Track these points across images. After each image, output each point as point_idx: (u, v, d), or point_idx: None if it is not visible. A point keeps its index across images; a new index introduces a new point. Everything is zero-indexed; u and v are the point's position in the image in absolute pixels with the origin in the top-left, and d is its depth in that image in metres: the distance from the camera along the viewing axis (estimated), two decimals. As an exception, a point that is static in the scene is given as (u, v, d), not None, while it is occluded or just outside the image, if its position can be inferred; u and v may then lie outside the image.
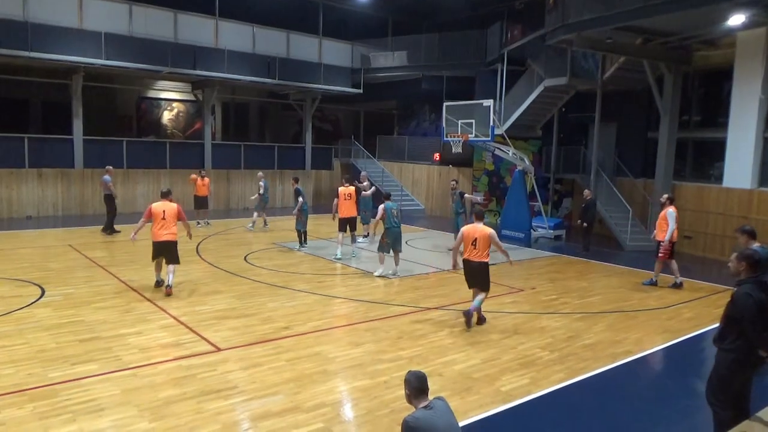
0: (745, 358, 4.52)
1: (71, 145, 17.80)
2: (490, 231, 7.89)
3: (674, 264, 10.86)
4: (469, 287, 8.18)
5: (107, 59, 16.90)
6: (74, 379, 5.70)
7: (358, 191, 13.59)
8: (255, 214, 16.27)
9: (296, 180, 14.35)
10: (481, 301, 8.00)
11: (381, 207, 10.86)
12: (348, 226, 12.72)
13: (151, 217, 8.97)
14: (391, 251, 10.97)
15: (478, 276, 7.97)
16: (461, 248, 8.04)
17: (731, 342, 4.57)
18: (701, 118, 16.23)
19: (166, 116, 23.58)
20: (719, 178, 14.75)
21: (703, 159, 15.98)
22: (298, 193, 13.55)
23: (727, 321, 4.66)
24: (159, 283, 9.26)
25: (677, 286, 10.82)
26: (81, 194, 17.96)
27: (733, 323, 4.58)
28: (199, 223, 15.99)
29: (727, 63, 14.22)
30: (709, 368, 4.82)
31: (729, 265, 4.75)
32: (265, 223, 16.31)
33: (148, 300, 8.63)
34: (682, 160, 15.99)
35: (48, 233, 14.61)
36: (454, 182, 14.39)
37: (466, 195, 13.75)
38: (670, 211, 10.62)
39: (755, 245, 6.55)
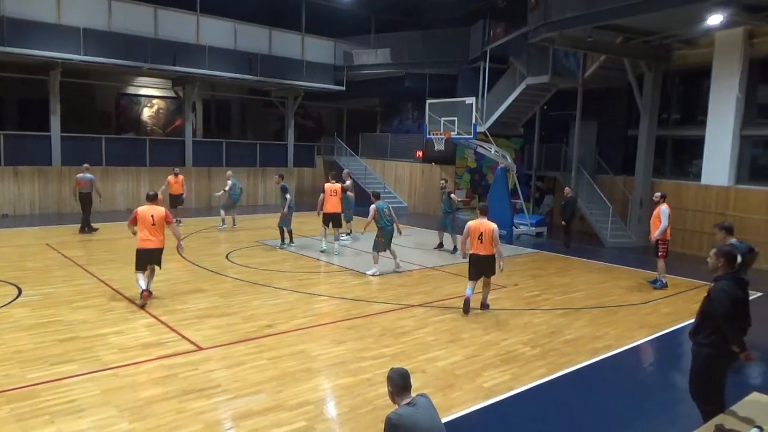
0: (719, 353, 4.60)
1: (49, 142, 17.51)
2: (494, 226, 8.30)
3: (661, 263, 10.81)
4: (471, 278, 8.53)
5: (86, 55, 16.64)
6: (53, 380, 5.62)
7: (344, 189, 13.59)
8: (222, 212, 15.71)
9: (281, 177, 14.07)
10: (489, 291, 8.81)
11: (372, 207, 10.82)
12: (331, 222, 12.73)
13: (136, 223, 8.30)
14: (387, 250, 11.03)
15: (486, 267, 8.44)
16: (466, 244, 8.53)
17: (705, 337, 4.65)
18: (680, 117, 16.48)
19: (146, 113, 23.29)
20: (697, 176, 14.99)
21: (682, 156, 16.23)
22: (285, 190, 13.12)
23: (702, 316, 4.73)
24: (146, 293, 8.29)
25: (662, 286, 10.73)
26: (58, 192, 17.69)
27: (708, 318, 4.65)
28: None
29: (706, 62, 14.45)
30: (687, 362, 4.90)
31: (708, 261, 4.82)
32: (234, 223, 15.77)
33: (129, 299, 8.53)
34: (662, 158, 16.22)
35: (25, 232, 14.36)
36: (443, 182, 14.33)
37: (452, 195, 13.76)
38: (663, 208, 10.56)
39: (733, 241, 6.67)
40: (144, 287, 8.24)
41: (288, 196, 12.92)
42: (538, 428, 5.24)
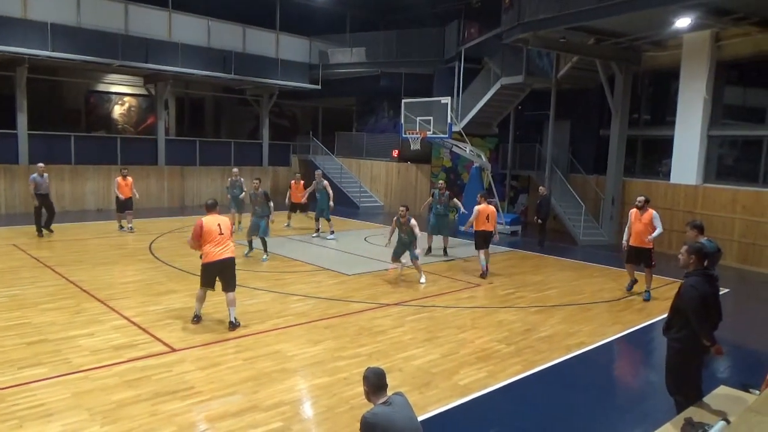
0: (691, 347, 4.71)
1: (15, 140, 17.06)
2: (494, 209, 11.43)
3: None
4: (480, 248, 11.17)
5: (53, 51, 16.25)
6: (21, 384, 5.47)
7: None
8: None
9: (260, 181, 12.82)
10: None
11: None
12: (298, 209, 15.08)
13: (201, 237, 7.35)
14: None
15: (489, 239, 11.26)
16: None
17: (677, 331, 4.76)
18: (650, 117, 16.80)
19: (117, 111, 22.84)
20: (667, 175, 15.30)
21: (652, 156, 16.55)
22: (268, 197, 11.95)
23: (673, 312, 4.85)
24: (198, 319, 7.56)
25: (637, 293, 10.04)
26: (26, 191, 17.16)
27: (679, 314, 4.76)
28: (122, 227, 14.60)
29: (675, 64, 14.76)
30: (658, 357, 5.01)
31: (679, 258, 4.92)
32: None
33: (100, 300, 8.36)
34: (632, 157, 16.52)
35: (-9, 232, 13.97)
36: (441, 183, 14.14)
37: (455, 198, 13.70)
38: (656, 213, 9.92)
39: (703, 239, 6.83)
40: (197, 311, 7.52)
41: (271, 203, 11.81)
42: (513, 424, 5.30)
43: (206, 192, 21.19)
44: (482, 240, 11.18)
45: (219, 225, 7.43)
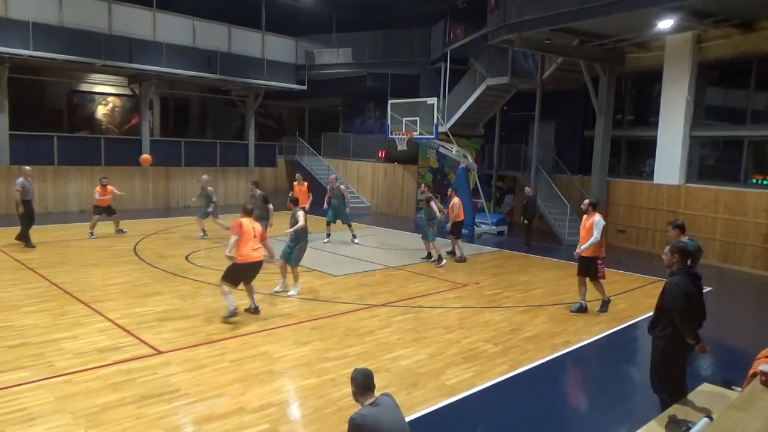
0: (675, 345, 4.77)
1: (-4, 141, 16.80)
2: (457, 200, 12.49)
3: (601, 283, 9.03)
4: (458, 237, 12.63)
5: (35, 50, 16.01)
6: (3, 388, 5.39)
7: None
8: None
9: (257, 184, 12.50)
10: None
11: (301, 213, 9.66)
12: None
13: (240, 233, 7.73)
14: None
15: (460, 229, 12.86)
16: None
17: (662, 329, 4.82)
18: (634, 118, 16.98)
19: (101, 111, 22.59)
20: (650, 175, 15.48)
21: (636, 156, 16.73)
22: (267, 200, 11.77)
23: (658, 310, 4.91)
24: (236, 312, 7.70)
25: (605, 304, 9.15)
26: (7, 192, 16.93)
27: (663, 312, 4.82)
28: (92, 234, 13.54)
29: (657, 65, 14.93)
30: (642, 356, 5.07)
31: (663, 257, 4.99)
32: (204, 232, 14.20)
33: (84, 303, 8.26)
34: (616, 158, 16.69)
35: (-29, 234, 13.73)
36: (423, 186, 13.99)
37: (432, 203, 13.43)
38: (598, 219, 8.61)
39: (685, 239, 6.91)
40: (235, 305, 7.68)
41: (270, 206, 11.67)
42: (500, 424, 5.32)
43: (192, 193, 20.96)
44: (456, 229, 12.71)
45: (254, 228, 7.93)
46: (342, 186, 14.55)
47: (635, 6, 11.47)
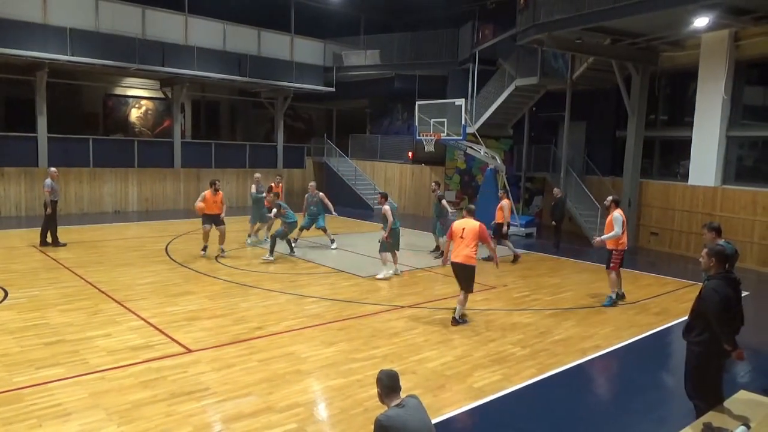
0: (711, 351, 4.63)
1: (35, 144, 17.31)
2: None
3: (613, 275, 9.47)
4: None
5: (72, 55, 16.48)
6: (39, 384, 5.55)
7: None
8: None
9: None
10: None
11: (387, 209, 10.61)
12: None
13: (453, 237, 7.94)
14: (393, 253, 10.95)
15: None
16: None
17: (697, 335, 4.69)
18: (667, 118, 16.62)
19: (134, 114, 23.10)
20: (685, 176, 15.11)
21: (670, 157, 16.36)
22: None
23: (694, 315, 4.77)
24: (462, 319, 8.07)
25: (620, 297, 9.63)
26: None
27: (699, 317, 4.69)
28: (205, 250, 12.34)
29: (692, 64, 14.58)
30: (676, 361, 4.94)
31: (700, 261, 4.86)
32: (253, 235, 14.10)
33: (117, 302, 8.45)
34: (649, 159, 16.34)
35: (11, 234, 14.19)
36: (434, 185, 14.07)
37: (443, 201, 13.51)
38: (617, 214, 9.22)
39: (721, 242, 6.72)
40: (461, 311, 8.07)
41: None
42: (528, 428, 5.25)
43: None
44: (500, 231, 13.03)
45: (463, 229, 7.97)
46: (321, 194, 13.90)
47: (670, 4, 11.22)
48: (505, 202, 13.23)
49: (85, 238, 13.73)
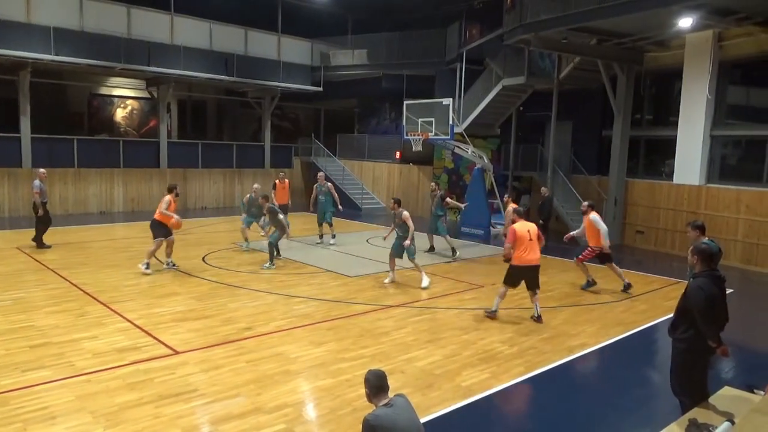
0: (697, 348, 4.69)
1: (18, 144, 17.11)
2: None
3: (617, 268, 10.45)
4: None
5: (56, 55, 16.30)
6: (25, 387, 5.48)
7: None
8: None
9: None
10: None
11: (408, 214, 10.15)
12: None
13: (515, 241, 8.05)
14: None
15: None
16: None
17: (683, 332, 4.75)
18: (653, 117, 16.77)
19: (120, 114, 22.90)
20: (670, 175, 15.26)
21: (655, 156, 16.52)
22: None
23: (679, 312, 4.83)
24: (495, 313, 8.29)
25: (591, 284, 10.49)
26: (29, 194, 17.23)
27: (684, 315, 4.75)
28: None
29: (677, 64, 14.73)
30: (661, 358, 5.00)
31: (688, 258, 4.92)
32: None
33: (103, 303, 8.37)
34: (635, 158, 16.49)
35: (-6, 235, 14.00)
36: (434, 184, 14.21)
37: (447, 198, 13.62)
38: (595, 216, 10.20)
39: (705, 240, 6.80)
40: (496, 307, 8.26)
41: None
42: (516, 426, 5.28)
43: (209, 194, 21.25)
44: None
45: (529, 231, 8.09)
46: (330, 184, 14.35)
47: (654, 5, 11.33)
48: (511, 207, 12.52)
49: (70, 239, 13.59)
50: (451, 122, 15.27)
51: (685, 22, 12.26)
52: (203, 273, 10.57)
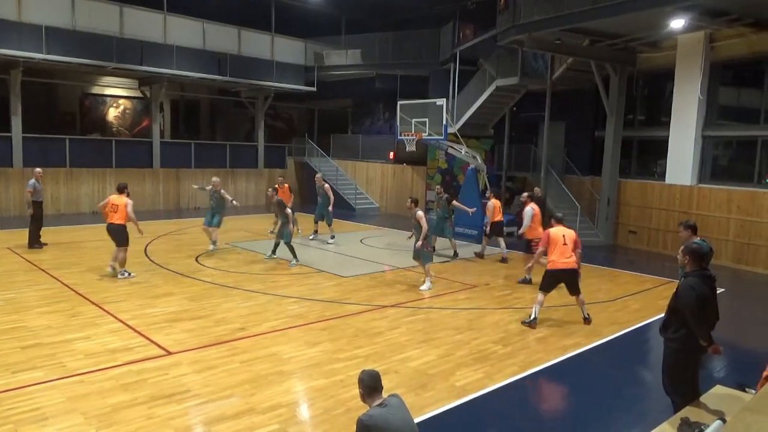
0: (688, 347, 4.72)
1: (9, 144, 17.00)
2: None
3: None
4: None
5: (48, 53, 16.20)
6: (16, 388, 5.44)
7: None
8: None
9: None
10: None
11: (422, 214, 9.83)
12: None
13: (548, 245, 8.06)
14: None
15: None
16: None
17: (674, 331, 4.77)
18: (645, 118, 16.85)
19: (112, 113, 22.77)
20: (662, 175, 15.35)
21: (647, 157, 16.60)
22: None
23: (670, 312, 4.86)
24: (535, 321, 8.08)
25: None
26: (21, 194, 17.12)
27: (676, 314, 4.77)
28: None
29: (669, 65, 14.81)
30: (654, 357, 5.02)
31: (678, 258, 4.95)
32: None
33: (95, 304, 8.33)
34: (628, 158, 16.57)
35: (-15, 236, 13.90)
36: (439, 187, 14.30)
37: (454, 201, 13.67)
38: (528, 208, 11.27)
39: (696, 240, 6.85)
40: (535, 315, 8.06)
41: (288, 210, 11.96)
42: (510, 425, 5.30)
43: (202, 194, 21.13)
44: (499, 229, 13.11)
45: (564, 236, 8.04)
46: (327, 185, 14.49)
47: (647, 5, 11.39)
48: (492, 202, 13.01)
49: (62, 239, 13.50)
50: (444, 122, 15.29)
51: (677, 23, 12.34)
52: (196, 273, 10.54)
